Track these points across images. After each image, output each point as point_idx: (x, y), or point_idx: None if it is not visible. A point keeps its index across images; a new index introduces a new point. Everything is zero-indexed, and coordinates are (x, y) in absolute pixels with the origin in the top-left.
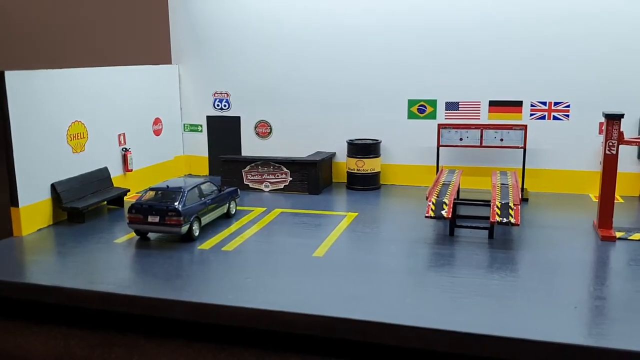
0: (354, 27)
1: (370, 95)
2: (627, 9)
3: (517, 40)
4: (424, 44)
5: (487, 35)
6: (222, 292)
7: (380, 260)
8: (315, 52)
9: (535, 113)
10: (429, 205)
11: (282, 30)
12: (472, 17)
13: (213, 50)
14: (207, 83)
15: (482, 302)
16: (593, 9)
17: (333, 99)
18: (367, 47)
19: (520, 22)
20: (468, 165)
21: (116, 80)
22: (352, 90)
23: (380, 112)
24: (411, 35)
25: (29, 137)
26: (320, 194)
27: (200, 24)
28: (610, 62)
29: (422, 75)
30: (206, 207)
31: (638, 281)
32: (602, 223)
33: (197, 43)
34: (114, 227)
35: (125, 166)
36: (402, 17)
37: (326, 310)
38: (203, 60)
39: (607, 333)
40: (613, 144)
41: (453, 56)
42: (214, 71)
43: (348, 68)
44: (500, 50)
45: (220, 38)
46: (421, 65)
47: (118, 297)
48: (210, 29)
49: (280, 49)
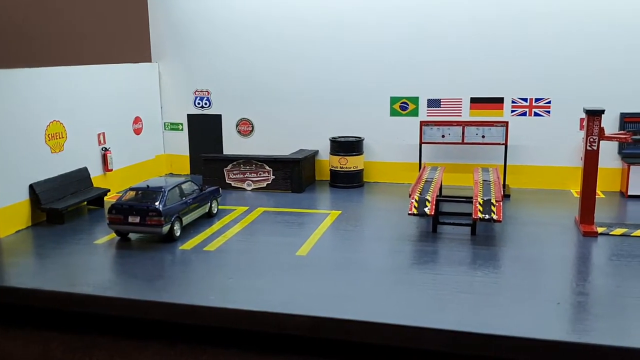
0: (336, 24)
1: (352, 92)
2: (606, 8)
3: (498, 38)
4: (405, 42)
5: (468, 32)
6: (204, 292)
7: (363, 259)
8: (297, 49)
9: (517, 109)
10: (412, 203)
11: (264, 27)
12: (453, 15)
13: (194, 48)
14: (187, 81)
15: (465, 300)
16: (573, 7)
17: (315, 97)
18: (349, 45)
19: (501, 19)
20: (450, 162)
21: (95, 79)
22: (335, 87)
23: (362, 109)
24: (393, 33)
25: (5, 137)
26: (303, 192)
27: (180, 21)
28: (590, 59)
29: (404, 73)
30: (187, 206)
31: (620, 276)
32: (584, 219)
33: (178, 41)
34: (94, 228)
35: (105, 166)
36: (384, 14)
37: (309, 310)
38: (183, 58)
39: (590, 329)
40: (594, 139)
41: (435, 53)
42: (194, 69)
43: (330, 65)
44: (481, 48)
45: (201, 35)
46: (403, 63)
47: (99, 299)
48: (190, 27)
49: (262, 47)
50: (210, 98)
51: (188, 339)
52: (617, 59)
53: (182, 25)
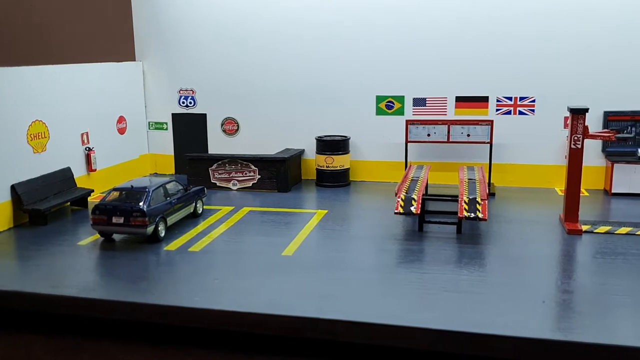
0: (322, 24)
1: (338, 91)
2: (589, 8)
3: (482, 37)
4: (391, 41)
5: (453, 32)
6: (189, 293)
7: (350, 258)
8: (283, 48)
9: (501, 108)
10: (398, 202)
11: (249, 26)
12: (438, 15)
13: (178, 47)
14: (172, 80)
15: (451, 298)
16: (557, 7)
17: (301, 96)
18: (335, 44)
19: (485, 19)
20: (436, 161)
21: (78, 78)
22: (321, 86)
23: (348, 108)
24: (379, 32)
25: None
26: (289, 191)
27: (164, 20)
28: (574, 58)
29: (389, 72)
30: (172, 206)
31: (604, 274)
32: (568, 216)
33: (162, 39)
34: (78, 228)
35: (88, 166)
36: (370, 14)
37: (296, 311)
38: (168, 57)
39: (575, 327)
40: (578, 138)
41: (420, 52)
42: (179, 68)
43: (316, 64)
44: (466, 47)
45: (186, 34)
46: (389, 62)
47: (82, 301)
48: (175, 25)
49: (247, 45)
50: (195, 97)
51: (173, 341)
52: (600, 58)
53: (166, 24)
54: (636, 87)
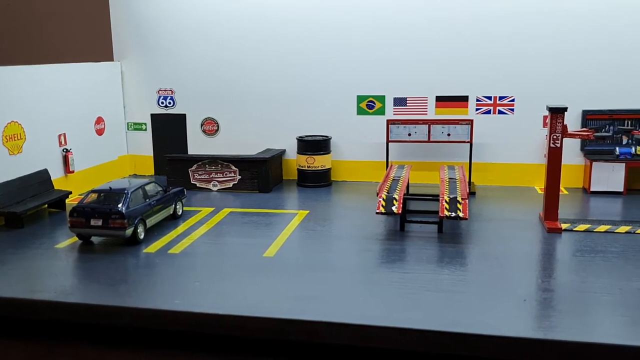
0: (302, 23)
1: (319, 91)
2: (568, 8)
3: (462, 37)
4: (371, 40)
5: (433, 32)
6: (169, 296)
7: (331, 259)
8: (263, 48)
9: (481, 108)
10: (380, 202)
11: (229, 25)
12: (418, 15)
13: (157, 46)
14: (150, 80)
15: (432, 298)
16: (535, 7)
17: (282, 96)
18: (316, 44)
19: (465, 19)
20: (417, 160)
21: (55, 79)
22: (302, 86)
23: (329, 108)
24: (359, 32)
25: None
26: (271, 192)
27: (142, 19)
28: (552, 58)
29: (370, 71)
30: (151, 208)
31: (584, 272)
32: (548, 215)
33: (140, 39)
34: (55, 231)
35: (66, 167)
36: (350, 13)
37: (277, 312)
38: (146, 57)
39: (556, 325)
40: (557, 137)
41: (400, 52)
42: (158, 68)
43: (297, 64)
44: (446, 47)
45: (164, 34)
46: (369, 61)
47: (60, 306)
48: (153, 24)
49: (227, 45)
50: (174, 97)
51: (153, 345)
52: (578, 58)
53: (144, 23)
54: (614, 86)
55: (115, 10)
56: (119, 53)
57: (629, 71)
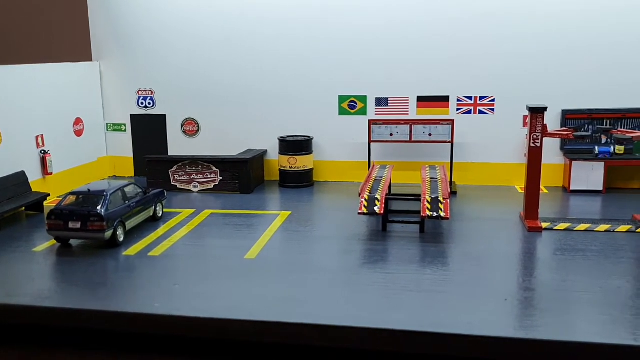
0: (283, 22)
1: (301, 91)
2: (547, 9)
3: (443, 37)
4: (352, 40)
5: (414, 32)
6: (149, 300)
7: (313, 260)
8: (243, 48)
9: (462, 108)
10: (362, 202)
11: (209, 24)
12: (399, 16)
13: (136, 46)
14: (130, 80)
15: (415, 298)
16: (515, 8)
17: (264, 96)
18: (297, 44)
19: (445, 20)
20: (399, 160)
21: (32, 79)
22: (283, 86)
23: (311, 108)
24: (340, 32)
25: None
26: (252, 193)
27: (121, 18)
28: (532, 58)
29: (352, 72)
30: (131, 210)
31: (564, 271)
32: (529, 214)
33: (119, 38)
34: (33, 234)
35: (44, 169)
36: (331, 14)
37: (258, 315)
38: (125, 57)
39: (537, 325)
40: (537, 136)
41: (382, 52)
42: (137, 68)
43: (278, 64)
44: (427, 47)
45: (144, 33)
46: (351, 61)
47: (38, 310)
48: (132, 24)
49: (207, 44)
50: (154, 97)
51: (133, 349)
52: (557, 58)
53: (123, 22)
54: (593, 86)
55: (94, 9)
56: (97, 53)
57: (607, 71)
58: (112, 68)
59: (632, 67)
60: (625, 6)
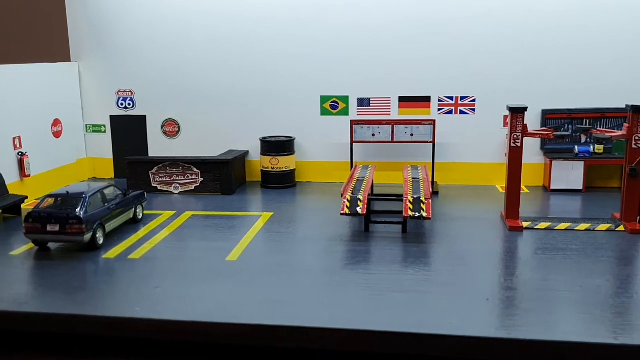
0: (264, 22)
1: (282, 91)
2: (526, 8)
3: (424, 37)
4: (334, 40)
5: (394, 32)
6: (129, 303)
7: (296, 261)
8: (224, 47)
9: (443, 108)
10: (344, 203)
11: (189, 24)
12: (382, 16)
13: (115, 46)
14: (109, 81)
15: (397, 299)
16: (494, 8)
17: (245, 96)
18: (278, 43)
19: (425, 20)
20: (381, 161)
21: (8, 80)
22: (264, 86)
23: (293, 108)
24: (322, 32)
25: None
26: (234, 194)
27: (100, 18)
28: (512, 59)
29: (333, 72)
30: (110, 212)
31: (545, 270)
32: (510, 214)
33: (98, 39)
34: (10, 237)
35: (22, 171)
36: (312, 14)
37: (241, 318)
38: (105, 57)
39: (519, 324)
40: (518, 136)
41: (364, 52)
42: (116, 68)
43: (259, 64)
44: (408, 48)
45: (123, 33)
46: (333, 61)
47: (14, 316)
48: (111, 24)
49: (187, 44)
50: (134, 98)
51: (113, 353)
52: (537, 58)
53: (102, 22)
54: (572, 86)
55: (72, 8)
56: (76, 53)
57: (586, 71)
58: (91, 68)
59: (611, 67)
60: (604, 6)
